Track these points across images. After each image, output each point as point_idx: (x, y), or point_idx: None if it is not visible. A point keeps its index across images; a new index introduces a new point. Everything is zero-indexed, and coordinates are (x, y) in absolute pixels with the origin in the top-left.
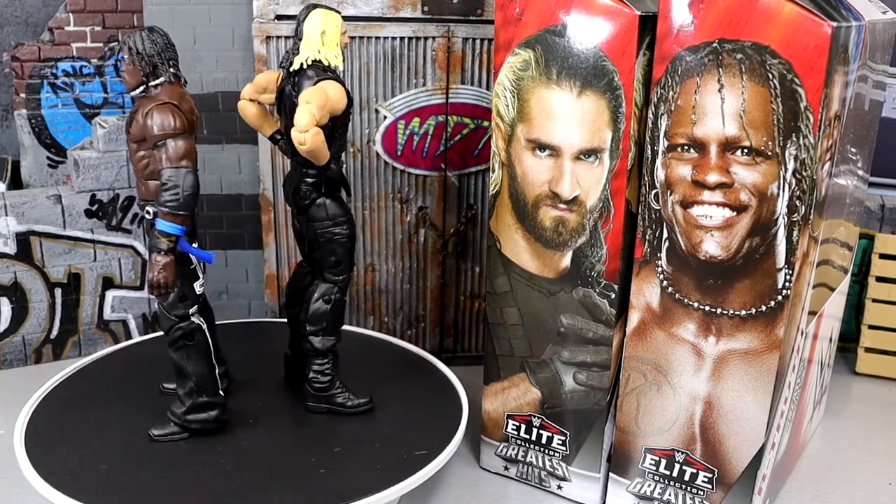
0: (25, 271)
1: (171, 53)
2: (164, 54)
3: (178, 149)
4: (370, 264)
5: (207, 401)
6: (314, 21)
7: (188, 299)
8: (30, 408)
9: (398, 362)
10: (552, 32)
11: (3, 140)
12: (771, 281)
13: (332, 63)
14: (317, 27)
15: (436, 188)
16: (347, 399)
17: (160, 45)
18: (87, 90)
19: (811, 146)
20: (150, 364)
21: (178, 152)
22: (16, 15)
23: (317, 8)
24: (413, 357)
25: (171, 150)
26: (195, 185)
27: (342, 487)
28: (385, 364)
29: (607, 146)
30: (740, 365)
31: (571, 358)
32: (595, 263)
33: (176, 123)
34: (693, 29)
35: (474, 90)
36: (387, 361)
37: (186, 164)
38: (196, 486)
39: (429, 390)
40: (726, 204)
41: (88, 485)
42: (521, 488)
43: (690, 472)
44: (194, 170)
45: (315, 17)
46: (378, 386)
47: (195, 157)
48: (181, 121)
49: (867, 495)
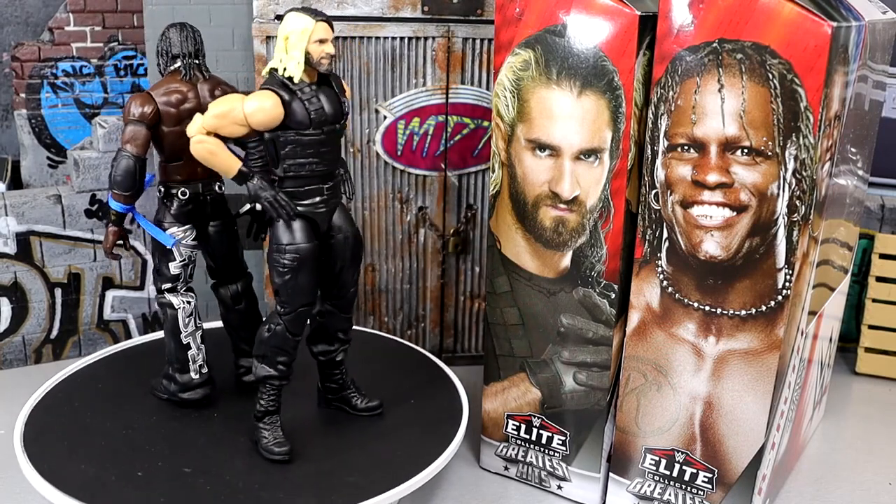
0: (25, 271)
1: (183, 49)
2: (172, 50)
3: (126, 133)
4: (370, 264)
5: (171, 374)
6: (282, 25)
7: (161, 276)
8: (29, 407)
9: (398, 362)
10: (552, 32)
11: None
12: (771, 281)
13: (289, 73)
14: (282, 32)
15: (436, 188)
16: (269, 443)
17: (169, 42)
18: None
19: (811, 146)
20: (150, 364)
21: (125, 136)
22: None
23: (291, 10)
24: (413, 357)
25: (123, 134)
26: (127, 169)
27: (342, 488)
28: (385, 364)
29: (607, 146)
30: (740, 365)
31: (571, 358)
32: (595, 263)
33: (133, 111)
34: (693, 29)
35: (474, 90)
36: (387, 361)
37: (129, 148)
38: (196, 485)
39: (429, 390)
40: (726, 204)
41: (88, 484)
42: (521, 488)
43: (690, 472)
44: (134, 155)
45: (284, 21)
46: (378, 386)
47: (141, 144)
48: (142, 110)
49: (867, 495)
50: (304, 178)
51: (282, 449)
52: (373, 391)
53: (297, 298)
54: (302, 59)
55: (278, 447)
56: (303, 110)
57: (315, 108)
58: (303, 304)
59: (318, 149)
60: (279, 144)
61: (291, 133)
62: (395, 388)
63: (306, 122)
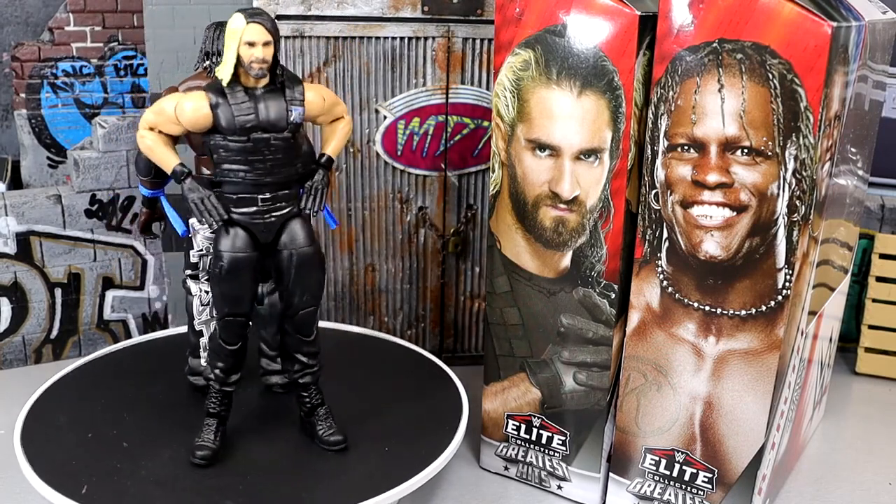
0: (25, 271)
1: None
2: (204, 48)
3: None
4: (370, 264)
5: (186, 356)
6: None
7: (186, 260)
8: (29, 407)
9: (398, 362)
10: (552, 32)
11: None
12: (771, 281)
13: (220, 75)
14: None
15: (436, 188)
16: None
17: (204, 40)
18: (87, 90)
19: (811, 146)
20: (149, 363)
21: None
22: (16, 15)
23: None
24: (413, 357)
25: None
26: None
27: (343, 488)
28: (385, 364)
29: (607, 146)
30: (740, 365)
31: (571, 358)
32: (595, 263)
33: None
34: (693, 29)
35: (474, 90)
36: (387, 361)
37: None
38: (196, 485)
39: (429, 390)
40: (726, 204)
41: (87, 484)
42: (521, 488)
43: (690, 472)
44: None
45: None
46: (378, 386)
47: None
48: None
49: (867, 495)
50: (236, 185)
51: (199, 453)
52: (373, 391)
53: (222, 306)
54: (232, 61)
55: (198, 450)
56: (229, 115)
57: (242, 114)
58: (229, 314)
59: (245, 157)
60: (212, 148)
61: (220, 137)
62: (396, 388)
63: (232, 127)
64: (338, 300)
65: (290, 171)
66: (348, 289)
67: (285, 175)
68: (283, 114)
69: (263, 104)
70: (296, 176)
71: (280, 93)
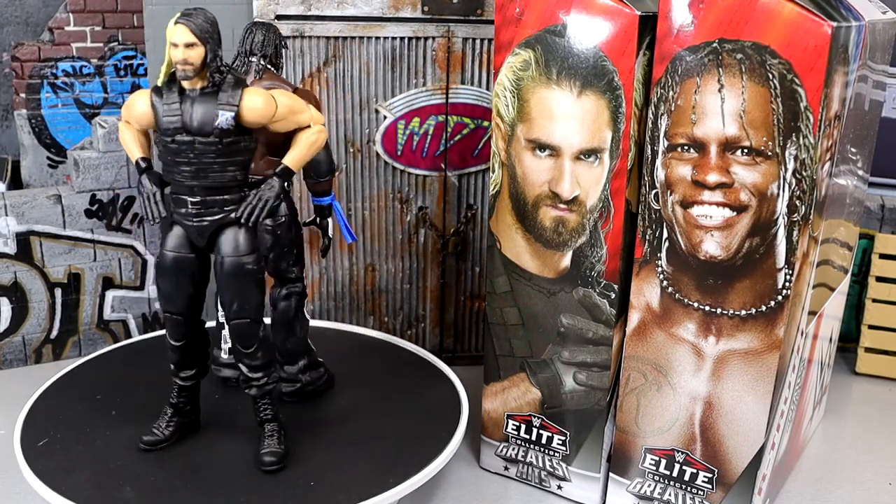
0: (25, 271)
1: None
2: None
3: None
4: (370, 264)
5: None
6: None
7: None
8: (29, 407)
9: (398, 362)
10: (552, 32)
11: (3, 140)
12: (771, 281)
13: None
14: None
15: (436, 188)
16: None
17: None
18: (87, 90)
19: (811, 146)
20: (149, 363)
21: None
22: (16, 15)
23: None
24: (413, 357)
25: None
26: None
27: (343, 488)
28: (385, 364)
29: (607, 146)
30: (740, 365)
31: (571, 358)
32: (595, 263)
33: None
34: (693, 29)
35: (474, 90)
36: (387, 361)
37: None
38: (195, 485)
39: (429, 390)
40: (726, 204)
41: (86, 485)
42: (521, 488)
43: (690, 472)
44: None
45: None
46: (378, 386)
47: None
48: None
49: (867, 495)
50: (173, 185)
51: (146, 438)
52: (372, 391)
53: (161, 302)
54: (166, 61)
55: (147, 435)
56: (159, 116)
57: (167, 115)
58: (165, 311)
59: (173, 158)
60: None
61: (157, 136)
62: (396, 388)
63: (161, 128)
64: (338, 300)
65: (223, 176)
66: (348, 289)
67: (215, 180)
68: (210, 118)
69: (192, 107)
70: (233, 182)
71: (214, 96)
